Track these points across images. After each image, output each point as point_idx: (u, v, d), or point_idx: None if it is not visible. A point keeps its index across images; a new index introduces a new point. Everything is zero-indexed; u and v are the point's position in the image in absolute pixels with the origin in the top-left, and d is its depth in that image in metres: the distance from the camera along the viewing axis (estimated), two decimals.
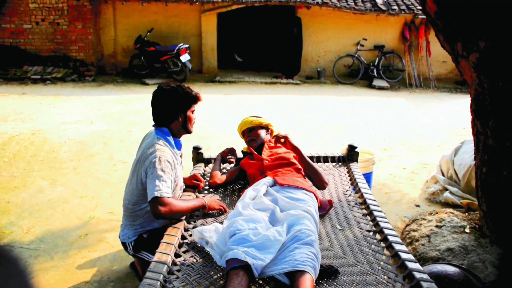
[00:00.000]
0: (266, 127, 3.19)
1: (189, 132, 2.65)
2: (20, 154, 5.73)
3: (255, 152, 3.04)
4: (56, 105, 8.54)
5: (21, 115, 7.66)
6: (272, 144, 3.10)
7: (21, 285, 0.72)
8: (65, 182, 4.88)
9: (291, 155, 2.92)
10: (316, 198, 2.61)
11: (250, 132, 3.13)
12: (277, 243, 2.02)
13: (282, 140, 3.03)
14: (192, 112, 2.64)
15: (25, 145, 6.07)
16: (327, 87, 11.49)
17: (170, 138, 2.58)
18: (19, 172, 5.12)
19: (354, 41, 12.35)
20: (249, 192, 2.50)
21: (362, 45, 12.17)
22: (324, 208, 2.71)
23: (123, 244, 2.66)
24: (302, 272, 1.89)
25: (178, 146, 2.64)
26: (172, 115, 2.55)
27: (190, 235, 2.34)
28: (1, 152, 5.76)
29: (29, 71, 11.27)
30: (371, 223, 2.53)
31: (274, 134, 3.26)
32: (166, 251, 2.06)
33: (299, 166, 2.86)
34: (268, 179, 2.65)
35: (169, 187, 2.34)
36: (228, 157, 3.32)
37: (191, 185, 2.94)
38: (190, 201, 2.50)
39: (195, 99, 2.61)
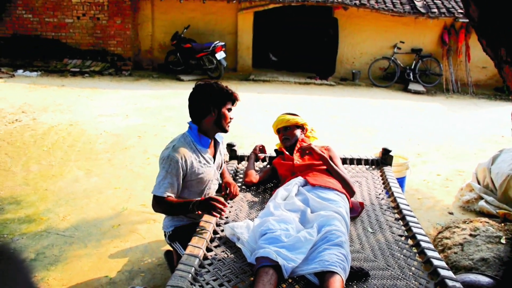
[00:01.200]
0: (302, 126, 3.18)
1: (224, 130, 2.60)
2: (58, 144, 5.93)
3: (287, 152, 3.05)
4: (94, 97, 8.79)
5: (60, 106, 7.92)
6: (305, 144, 3.09)
7: (23, 285, 0.72)
8: (100, 173, 5.03)
9: None
10: (348, 199, 2.60)
11: (286, 131, 3.11)
12: (308, 243, 2.03)
13: (307, 151, 2.97)
14: (228, 110, 2.58)
15: (63, 136, 6.27)
16: (362, 89, 11.37)
17: (195, 135, 2.56)
18: (57, 161, 5.30)
19: (391, 44, 12.16)
20: (280, 192, 2.51)
21: (399, 48, 11.98)
22: (356, 210, 2.69)
23: (164, 233, 2.74)
24: (332, 273, 1.89)
25: (205, 144, 2.58)
26: (204, 110, 2.53)
27: (222, 231, 2.37)
28: (40, 141, 5.98)
29: (69, 64, 11.64)
30: (403, 227, 2.51)
31: (308, 132, 3.26)
32: (198, 245, 2.10)
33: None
34: (300, 179, 2.66)
35: (168, 187, 2.38)
36: (258, 154, 3.35)
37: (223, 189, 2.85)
38: (178, 205, 2.38)
39: (230, 96, 2.58)
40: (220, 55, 10.94)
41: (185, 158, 2.44)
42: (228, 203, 2.71)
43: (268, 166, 3.36)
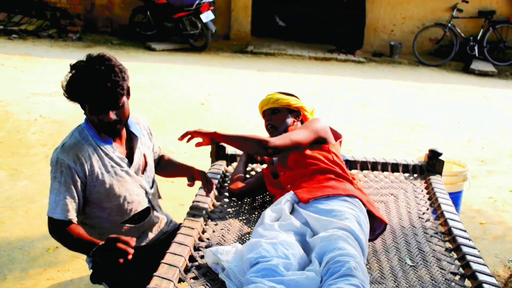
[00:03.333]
0: (297, 111, 3.15)
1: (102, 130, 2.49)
2: None
3: (270, 165, 3.06)
4: (25, 68, 8.77)
5: None
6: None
7: None
8: (32, 174, 5.01)
9: (315, 154, 2.86)
10: (362, 201, 2.58)
11: (272, 115, 3.08)
12: (313, 282, 2.03)
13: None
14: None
15: None
16: (403, 68, 11.38)
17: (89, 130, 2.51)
18: None
19: (448, 4, 12.16)
20: (267, 213, 2.50)
21: (460, 10, 11.93)
22: (376, 228, 2.67)
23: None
24: None
25: (108, 139, 2.52)
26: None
27: (202, 257, 2.37)
28: None
29: None
30: (457, 262, 2.50)
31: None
32: (167, 276, 2.09)
33: (328, 164, 2.79)
34: (290, 194, 2.64)
35: (67, 206, 2.34)
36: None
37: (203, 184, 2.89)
38: (78, 243, 2.32)
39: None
40: (207, 16, 10.94)
41: (81, 160, 2.39)
42: (211, 220, 2.70)
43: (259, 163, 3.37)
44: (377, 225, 2.67)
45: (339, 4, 12.60)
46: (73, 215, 2.36)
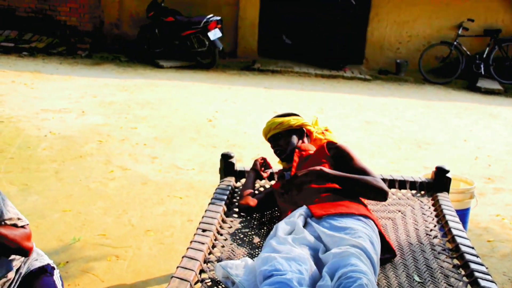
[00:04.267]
0: (299, 129, 3.19)
1: None
2: None
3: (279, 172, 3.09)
4: (35, 85, 8.84)
5: None
6: (305, 152, 3.08)
7: None
8: (42, 189, 5.04)
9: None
10: (375, 222, 2.60)
11: (277, 141, 3.15)
12: None
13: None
14: None
15: None
16: (409, 86, 11.40)
17: None
18: None
19: (453, 23, 12.19)
20: (281, 226, 2.52)
21: (465, 29, 11.96)
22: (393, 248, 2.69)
23: None
24: None
25: None
26: None
27: (212, 270, 2.39)
28: None
29: None
30: (465, 279, 2.49)
31: (315, 133, 3.27)
32: None
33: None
34: (304, 209, 2.66)
35: None
36: (262, 171, 3.38)
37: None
38: None
39: None
40: (214, 34, 11.00)
41: None
42: (221, 235, 2.73)
43: (268, 179, 3.39)
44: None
45: (342, 22, 12.57)
46: None
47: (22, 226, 2.48)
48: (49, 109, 7.57)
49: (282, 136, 3.13)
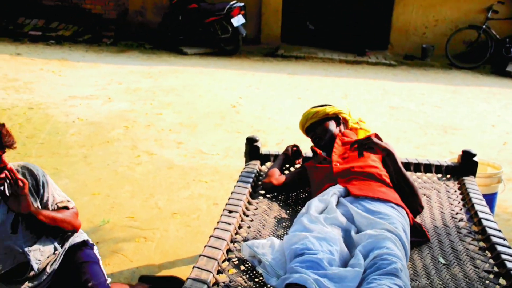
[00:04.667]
0: (336, 117, 3.21)
1: None
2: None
3: (322, 153, 3.09)
4: (63, 73, 8.97)
5: (15, 83, 8.12)
6: (347, 139, 3.12)
7: None
8: (71, 173, 5.15)
9: (372, 157, 2.92)
10: (408, 213, 2.62)
11: (315, 129, 3.16)
12: (356, 277, 2.06)
13: (366, 146, 2.82)
14: None
15: (19, 122, 6.45)
16: (435, 71, 11.29)
17: None
18: (11, 157, 5.41)
19: (482, 6, 11.99)
20: (314, 203, 2.54)
21: (495, 12, 11.75)
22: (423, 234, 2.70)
23: None
24: None
25: None
26: None
27: (239, 250, 2.44)
28: None
29: (27, 24, 11.84)
30: (491, 261, 2.48)
31: (350, 122, 3.28)
32: (206, 268, 2.16)
33: (382, 174, 2.83)
34: (339, 188, 2.68)
35: None
36: (295, 159, 3.41)
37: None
38: None
39: None
40: (238, 20, 10.99)
41: None
42: (247, 216, 2.77)
43: (299, 166, 3.39)
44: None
45: (366, 7, 12.52)
46: None
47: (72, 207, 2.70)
48: (76, 96, 7.67)
49: (319, 125, 3.15)
